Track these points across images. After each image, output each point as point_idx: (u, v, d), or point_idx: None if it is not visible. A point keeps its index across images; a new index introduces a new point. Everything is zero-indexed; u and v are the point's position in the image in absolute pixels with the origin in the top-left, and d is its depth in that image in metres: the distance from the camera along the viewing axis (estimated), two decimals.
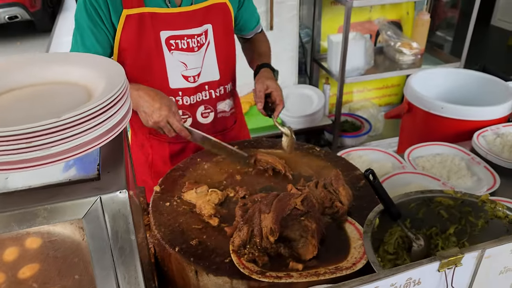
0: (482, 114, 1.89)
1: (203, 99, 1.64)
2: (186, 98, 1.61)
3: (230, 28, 1.63)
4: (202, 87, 1.62)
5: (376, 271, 0.98)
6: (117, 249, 0.59)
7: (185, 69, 1.56)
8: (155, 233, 1.20)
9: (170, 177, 1.43)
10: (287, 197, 1.13)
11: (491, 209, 1.15)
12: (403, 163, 1.67)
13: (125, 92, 0.67)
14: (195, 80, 1.59)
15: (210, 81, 1.62)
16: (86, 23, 1.44)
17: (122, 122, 0.66)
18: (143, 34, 1.47)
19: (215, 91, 1.65)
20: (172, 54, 1.52)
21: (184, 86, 1.59)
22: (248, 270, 1.02)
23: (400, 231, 1.20)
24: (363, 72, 3.12)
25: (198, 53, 1.55)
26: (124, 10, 1.42)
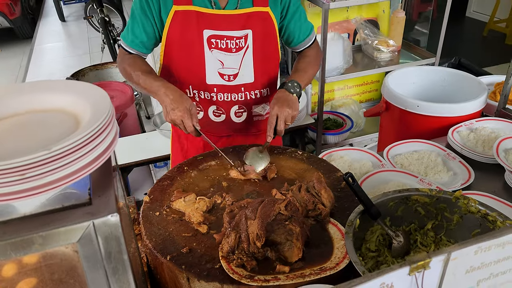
0: (456, 110, 1.97)
1: (238, 99, 1.74)
2: (221, 95, 1.71)
3: (272, 36, 1.69)
4: (238, 88, 1.71)
5: (358, 270, 1.04)
6: (111, 269, 0.63)
7: (222, 67, 1.66)
8: (146, 243, 1.24)
9: (159, 187, 1.46)
10: (271, 203, 1.18)
11: (464, 204, 1.21)
12: (383, 161, 1.73)
13: (112, 118, 0.71)
14: (230, 79, 1.68)
15: (246, 83, 1.71)
16: (138, 14, 1.61)
17: (110, 147, 0.70)
18: (187, 30, 1.59)
19: (250, 93, 1.74)
20: (211, 52, 1.63)
21: (219, 83, 1.69)
22: (237, 275, 1.07)
23: (381, 229, 1.25)
24: (343, 71, 3.18)
25: (236, 55, 1.65)
26: (174, 6, 1.57)
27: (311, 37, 1.81)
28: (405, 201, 1.27)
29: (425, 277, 0.62)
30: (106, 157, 0.67)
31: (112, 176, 0.69)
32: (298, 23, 1.74)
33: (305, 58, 1.80)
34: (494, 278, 0.71)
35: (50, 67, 6.54)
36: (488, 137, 1.83)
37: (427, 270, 0.61)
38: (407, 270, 0.60)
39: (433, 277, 0.64)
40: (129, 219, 0.97)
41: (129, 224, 0.96)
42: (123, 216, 0.90)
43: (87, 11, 6.90)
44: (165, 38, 1.63)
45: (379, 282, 0.59)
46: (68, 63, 6.54)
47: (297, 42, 1.79)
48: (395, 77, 2.28)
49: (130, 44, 1.67)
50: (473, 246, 0.64)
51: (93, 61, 6.19)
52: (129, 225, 0.96)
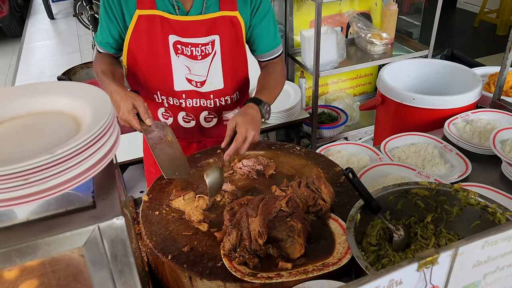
0: (451, 102, 1.98)
1: (207, 105, 1.69)
2: (189, 101, 1.66)
3: (240, 41, 1.62)
4: (207, 95, 1.66)
5: (361, 265, 1.04)
6: (117, 272, 0.62)
7: (189, 73, 1.60)
8: (147, 242, 1.23)
9: (157, 186, 1.45)
10: (272, 200, 1.17)
11: (464, 197, 1.22)
12: (380, 155, 1.74)
13: (113, 120, 0.70)
14: (198, 86, 1.63)
15: (215, 90, 1.66)
16: (103, 16, 1.56)
17: (113, 149, 0.69)
18: (153, 35, 1.54)
19: (220, 100, 1.69)
20: (178, 58, 1.58)
21: (188, 89, 1.64)
22: (240, 273, 1.07)
23: (381, 223, 1.26)
24: (337, 65, 3.17)
25: (203, 62, 1.59)
26: (137, 10, 1.50)
27: (277, 50, 1.71)
28: (404, 194, 1.28)
29: (433, 272, 0.62)
30: (109, 158, 0.66)
31: (115, 177, 0.68)
32: (266, 29, 1.65)
33: (273, 75, 1.68)
34: (500, 271, 0.71)
35: (40, 66, 6.46)
36: (484, 128, 1.84)
37: (435, 266, 0.61)
38: (416, 266, 0.60)
39: (441, 272, 0.64)
40: (130, 218, 0.96)
41: (130, 224, 0.95)
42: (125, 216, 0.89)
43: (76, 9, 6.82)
44: (128, 42, 1.56)
45: (388, 279, 0.59)
46: (58, 61, 6.47)
47: (262, 50, 1.69)
48: (390, 71, 2.29)
49: (99, 44, 1.65)
50: (480, 240, 0.65)
51: (84, 59, 6.13)
52: (130, 225, 0.95)
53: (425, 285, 0.63)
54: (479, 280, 0.70)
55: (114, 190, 0.65)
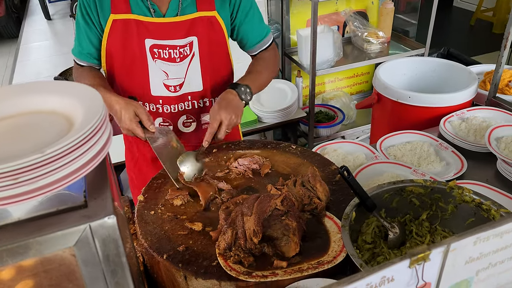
0: (447, 100, 1.98)
1: (185, 108, 1.65)
2: (167, 107, 1.63)
3: (220, 41, 1.59)
4: (185, 97, 1.63)
5: (355, 263, 1.04)
6: (110, 272, 0.62)
7: (167, 79, 1.57)
8: (142, 242, 1.23)
9: (153, 186, 1.45)
10: (267, 199, 1.17)
11: (459, 194, 1.22)
12: (376, 153, 1.74)
13: (105, 119, 0.69)
14: (176, 90, 1.60)
15: (193, 91, 1.62)
16: (81, 23, 1.52)
17: (105, 148, 0.68)
18: (128, 40, 1.51)
19: (198, 102, 1.66)
20: (155, 62, 1.55)
21: (165, 94, 1.60)
22: (235, 271, 1.07)
23: (376, 221, 1.26)
24: (333, 64, 3.18)
25: (181, 64, 1.56)
26: (111, 14, 1.47)
27: (267, 40, 1.69)
28: (400, 192, 1.28)
29: (425, 269, 0.62)
30: (100, 158, 0.66)
31: (107, 177, 0.68)
32: (251, 24, 1.63)
33: (260, 60, 1.69)
34: (493, 268, 0.72)
35: (37, 66, 6.43)
36: (480, 126, 1.84)
37: (427, 262, 0.62)
38: (407, 263, 0.60)
39: (433, 269, 0.64)
40: (124, 219, 0.96)
41: (124, 224, 0.95)
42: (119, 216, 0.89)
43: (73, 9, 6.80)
44: (105, 47, 1.53)
45: (380, 276, 0.59)
46: (55, 62, 6.44)
47: (251, 44, 1.68)
48: (386, 69, 2.29)
49: (79, 57, 1.59)
50: (472, 237, 0.65)
51: None
52: (124, 225, 0.95)
53: (417, 282, 0.63)
54: (472, 277, 0.71)
55: (106, 189, 0.65)
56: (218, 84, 1.67)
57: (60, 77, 4.33)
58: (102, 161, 0.70)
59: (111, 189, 0.66)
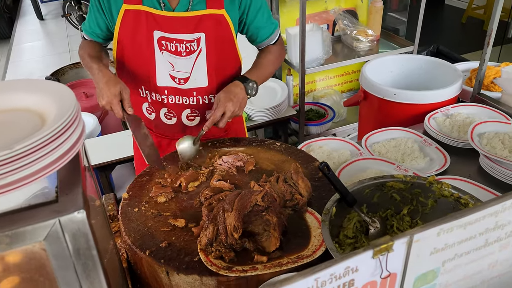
0: (432, 97, 2.00)
1: (190, 103, 1.69)
2: (172, 98, 1.67)
3: (228, 40, 1.62)
4: (190, 92, 1.66)
5: (334, 257, 1.06)
6: (80, 265, 0.63)
7: (173, 70, 1.61)
8: (125, 239, 1.24)
9: (138, 183, 1.46)
10: (248, 195, 1.19)
11: (438, 189, 1.24)
12: (361, 150, 1.76)
13: (77, 115, 0.70)
14: (181, 83, 1.64)
15: (199, 87, 1.66)
16: (92, 7, 1.61)
17: (77, 144, 0.69)
18: (138, 30, 1.56)
19: (203, 98, 1.69)
20: (162, 54, 1.59)
21: (170, 85, 1.65)
22: (215, 266, 1.08)
23: (357, 216, 1.27)
24: (323, 62, 3.19)
25: (187, 59, 1.60)
26: (124, 4, 1.53)
27: (275, 35, 1.76)
28: (380, 188, 1.30)
29: (389, 259, 0.64)
30: (72, 155, 0.67)
31: (80, 173, 0.69)
32: (261, 22, 1.68)
33: (268, 54, 1.75)
34: (459, 258, 0.73)
35: (29, 67, 6.43)
36: (463, 122, 1.86)
37: (391, 253, 0.63)
38: (371, 253, 0.62)
39: (397, 259, 0.66)
40: (104, 217, 0.97)
41: (104, 222, 0.96)
42: (97, 214, 0.90)
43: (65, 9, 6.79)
44: (117, 35, 1.60)
45: (343, 266, 0.61)
46: (48, 62, 6.44)
47: (260, 40, 1.73)
48: (372, 66, 2.31)
49: (86, 33, 1.69)
50: (435, 228, 0.66)
51: (73, 59, 6.10)
52: (104, 223, 0.96)
53: (381, 272, 0.64)
54: (438, 267, 0.72)
55: (78, 185, 0.66)
56: (225, 82, 1.69)
57: (51, 77, 4.32)
58: (75, 157, 0.71)
59: (83, 185, 0.67)
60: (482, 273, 0.79)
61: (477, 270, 0.78)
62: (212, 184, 1.42)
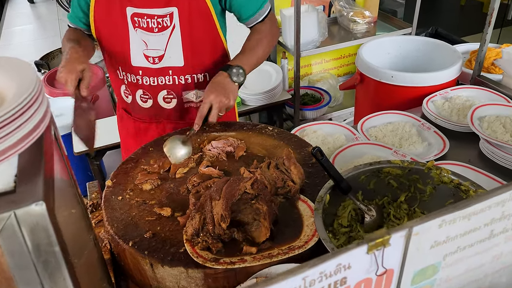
0: (430, 79, 1.93)
1: (166, 83, 1.61)
2: (146, 78, 1.60)
3: (204, 15, 1.52)
4: (165, 71, 1.58)
5: (327, 247, 1.00)
6: (41, 264, 0.56)
7: (146, 49, 1.55)
8: (108, 229, 1.18)
9: (122, 170, 1.40)
10: (236, 182, 1.12)
11: (437, 175, 1.18)
12: (357, 135, 1.69)
13: (39, 95, 0.63)
14: (156, 62, 1.57)
15: (174, 66, 1.58)
16: None
17: (39, 126, 0.62)
18: (112, 8, 1.51)
19: (179, 78, 1.60)
20: (136, 32, 1.53)
21: (145, 65, 1.58)
22: (202, 258, 1.02)
23: (353, 204, 1.22)
24: (319, 44, 3.10)
25: (160, 35, 1.53)
26: None
27: (263, 11, 1.60)
28: (377, 174, 1.23)
29: (385, 254, 0.58)
30: (33, 138, 0.60)
31: (42, 160, 0.62)
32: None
33: (255, 35, 1.61)
34: (462, 252, 0.67)
35: (19, 50, 6.29)
36: (463, 105, 1.79)
37: (387, 248, 0.57)
38: (365, 248, 0.55)
39: (394, 254, 0.60)
40: (82, 208, 0.90)
41: (82, 214, 0.89)
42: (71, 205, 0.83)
43: None
44: (93, 15, 1.54)
45: (334, 264, 0.55)
46: (39, 45, 6.30)
47: (246, 16, 1.59)
48: (369, 48, 2.23)
49: (70, 19, 1.64)
50: (437, 219, 0.60)
51: None
52: (82, 214, 0.90)
53: (377, 269, 0.58)
54: (439, 262, 0.66)
55: (39, 173, 0.59)
56: (203, 62, 1.60)
57: (40, 61, 4.21)
58: (38, 141, 0.64)
59: (46, 173, 0.60)
60: (486, 266, 0.73)
61: (481, 263, 0.72)
62: (201, 170, 1.35)
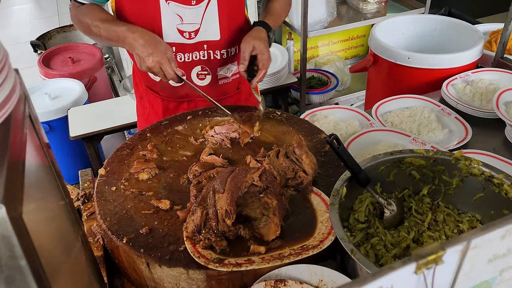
0: (450, 61, 1.79)
1: (200, 58, 1.50)
2: (180, 55, 1.48)
3: None
4: (200, 45, 1.47)
5: (345, 248, 0.88)
6: (3, 280, 0.45)
7: (181, 23, 1.42)
8: (100, 223, 1.06)
9: (117, 158, 1.28)
10: (243, 173, 1.00)
11: (465, 166, 1.06)
12: (371, 120, 1.57)
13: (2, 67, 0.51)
14: (191, 36, 1.45)
15: (209, 40, 1.47)
16: None
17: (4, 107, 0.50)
18: None
19: (214, 53, 1.50)
20: (168, 5, 1.39)
21: (179, 41, 1.45)
22: (204, 259, 0.91)
23: (370, 197, 1.10)
24: (326, 25, 2.95)
25: (197, 8, 1.41)
26: None
27: None
28: (397, 164, 1.12)
29: (436, 273, 0.46)
30: None
31: (7, 150, 0.50)
32: None
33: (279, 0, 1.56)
34: None
35: (16, 30, 6.14)
36: (486, 89, 1.66)
37: (440, 265, 0.45)
38: (413, 267, 0.44)
39: (445, 273, 0.48)
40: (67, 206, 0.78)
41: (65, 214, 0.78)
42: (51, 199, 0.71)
43: None
44: None
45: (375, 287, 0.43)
46: (36, 25, 6.14)
47: None
48: (383, 28, 2.08)
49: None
50: (499, 229, 0.48)
51: (62, 23, 5.79)
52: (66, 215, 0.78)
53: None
54: (494, 277, 0.54)
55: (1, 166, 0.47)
56: (234, 35, 1.51)
57: (37, 41, 4.07)
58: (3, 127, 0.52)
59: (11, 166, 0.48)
60: None
61: None
62: (203, 159, 1.23)
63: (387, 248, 1.04)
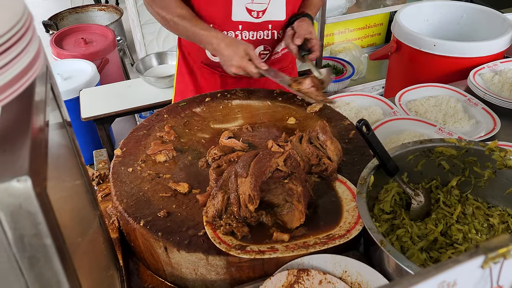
0: (478, 50, 1.72)
1: (264, 38, 1.51)
2: (245, 33, 1.48)
3: None
4: (266, 25, 1.48)
5: (375, 239, 0.84)
6: (26, 260, 0.41)
7: (251, 2, 1.41)
8: (116, 204, 1.03)
9: (133, 138, 1.24)
10: (267, 157, 0.96)
11: (500, 158, 1.01)
12: (394, 109, 1.51)
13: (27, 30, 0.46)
14: (259, 16, 1.44)
15: (275, 20, 1.48)
16: None
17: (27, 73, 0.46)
18: None
19: (278, 33, 1.51)
20: None
21: (246, 19, 1.45)
22: (225, 245, 0.87)
23: (397, 187, 1.06)
24: (345, 11, 2.88)
25: None
26: None
27: None
28: (427, 153, 1.07)
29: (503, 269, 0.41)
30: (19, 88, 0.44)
31: (30, 120, 0.46)
32: None
33: None
34: None
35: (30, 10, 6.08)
36: None
37: (508, 260, 0.40)
38: (480, 261, 0.39)
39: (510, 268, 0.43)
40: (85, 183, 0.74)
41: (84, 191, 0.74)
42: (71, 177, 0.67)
43: None
44: None
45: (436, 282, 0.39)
46: (48, 6, 6.09)
47: None
48: (407, 14, 2.01)
49: None
50: None
51: (74, 3, 5.75)
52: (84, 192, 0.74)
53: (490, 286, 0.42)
54: None
55: (25, 138, 0.43)
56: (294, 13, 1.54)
57: (49, 21, 4.03)
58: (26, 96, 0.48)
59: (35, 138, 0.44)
60: None
61: None
62: (222, 142, 1.19)
63: (413, 240, 1.00)
